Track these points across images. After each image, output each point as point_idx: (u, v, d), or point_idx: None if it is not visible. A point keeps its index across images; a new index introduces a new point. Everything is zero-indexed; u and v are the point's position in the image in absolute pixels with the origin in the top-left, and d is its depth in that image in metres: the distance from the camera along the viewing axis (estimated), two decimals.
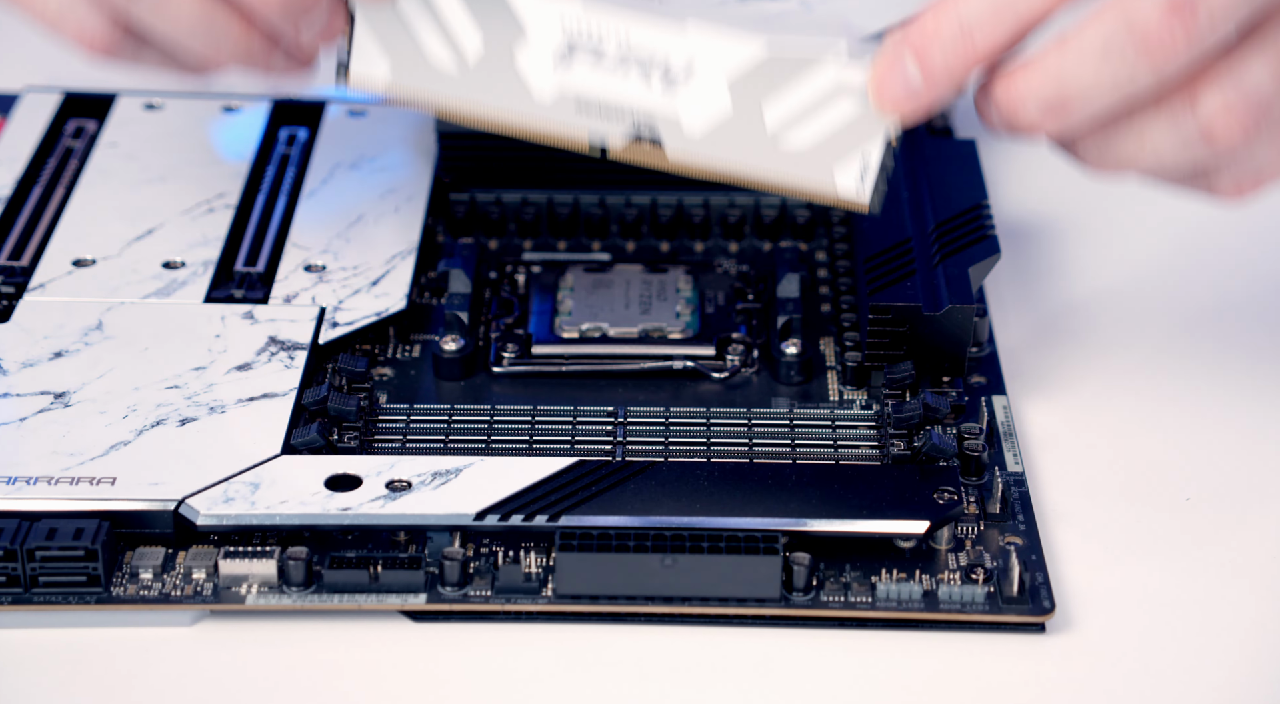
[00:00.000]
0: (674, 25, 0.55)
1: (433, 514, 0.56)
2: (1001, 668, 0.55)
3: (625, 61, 0.56)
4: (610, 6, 0.56)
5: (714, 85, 0.56)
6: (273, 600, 0.56)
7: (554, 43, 0.56)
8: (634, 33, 0.56)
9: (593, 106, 0.57)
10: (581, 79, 0.57)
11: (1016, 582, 0.56)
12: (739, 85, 0.56)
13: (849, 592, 0.56)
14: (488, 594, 0.56)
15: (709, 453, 0.61)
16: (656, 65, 0.56)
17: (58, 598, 0.56)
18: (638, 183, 0.73)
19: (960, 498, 0.57)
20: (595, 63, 0.56)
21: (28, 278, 0.67)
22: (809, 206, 0.73)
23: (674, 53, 0.56)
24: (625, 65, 0.56)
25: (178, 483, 0.57)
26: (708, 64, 0.56)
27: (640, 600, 0.56)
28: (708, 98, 0.56)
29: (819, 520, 0.56)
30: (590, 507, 0.56)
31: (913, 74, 0.54)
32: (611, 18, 0.56)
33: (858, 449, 0.61)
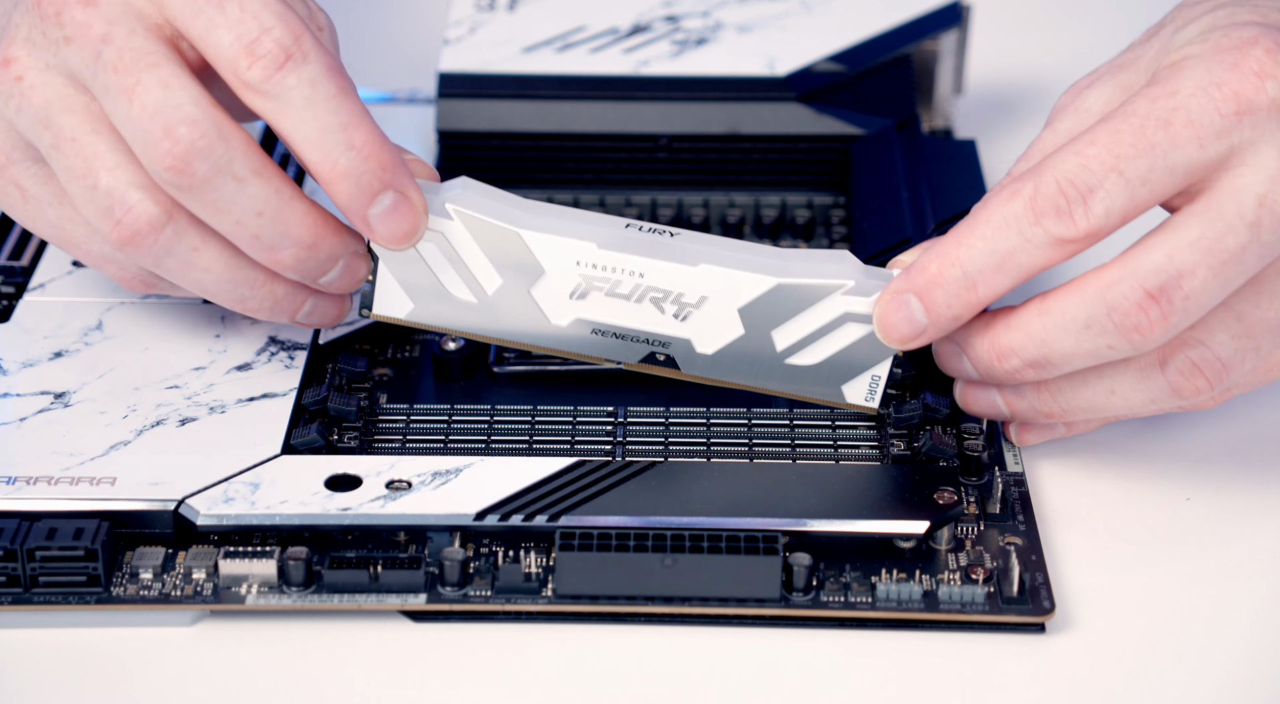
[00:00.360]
0: (686, 266, 0.58)
1: (433, 514, 0.56)
2: (1001, 668, 0.55)
3: (640, 297, 0.59)
4: (624, 248, 0.58)
5: (725, 313, 0.59)
6: (273, 600, 0.56)
7: (570, 281, 0.59)
8: (648, 273, 0.58)
9: (608, 332, 0.60)
10: (597, 310, 0.59)
11: (1016, 582, 0.56)
12: (749, 312, 0.59)
13: (849, 592, 0.56)
14: (488, 594, 0.56)
15: (709, 453, 0.61)
16: (670, 299, 0.59)
17: (58, 598, 0.56)
18: (637, 183, 0.73)
19: (960, 498, 0.57)
20: (610, 297, 0.59)
21: (28, 278, 0.67)
22: (809, 207, 0.73)
23: (687, 290, 0.59)
24: (640, 299, 0.59)
25: (178, 483, 0.57)
26: (719, 297, 0.59)
27: (640, 601, 0.56)
28: (719, 324, 0.59)
29: (819, 521, 0.56)
30: (590, 507, 0.56)
31: (918, 315, 0.57)
32: (626, 259, 0.58)
33: (857, 449, 0.61)
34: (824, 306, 0.58)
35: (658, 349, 0.60)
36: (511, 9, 0.77)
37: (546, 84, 0.73)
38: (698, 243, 0.59)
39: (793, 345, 0.59)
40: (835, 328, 0.59)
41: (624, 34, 0.75)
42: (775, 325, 0.59)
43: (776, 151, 0.73)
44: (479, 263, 0.59)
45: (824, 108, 0.73)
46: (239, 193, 0.56)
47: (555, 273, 0.59)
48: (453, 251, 0.59)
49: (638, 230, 0.59)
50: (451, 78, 0.73)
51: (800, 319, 0.59)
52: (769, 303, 0.59)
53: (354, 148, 0.56)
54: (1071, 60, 0.87)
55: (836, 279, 0.58)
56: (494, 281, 0.59)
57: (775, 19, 0.76)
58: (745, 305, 0.59)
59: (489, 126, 0.72)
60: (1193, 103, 0.55)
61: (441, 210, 0.58)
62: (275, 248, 0.57)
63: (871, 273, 0.59)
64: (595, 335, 0.59)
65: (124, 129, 0.56)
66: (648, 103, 0.73)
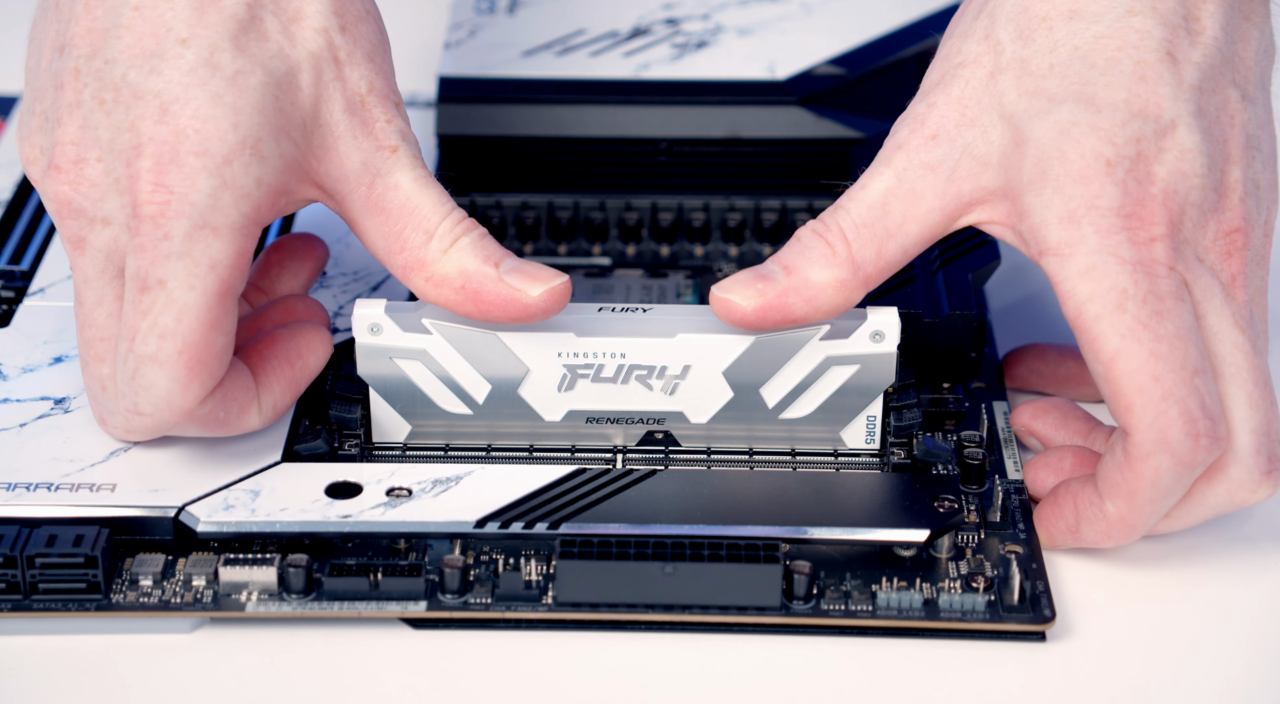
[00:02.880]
0: (663, 340, 0.59)
1: (433, 522, 0.56)
2: (1002, 676, 0.55)
3: (625, 377, 0.59)
4: (601, 332, 0.59)
5: (711, 379, 0.59)
6: (273, 608, 0.56)
7: (556, 374, 0.59)
8: (629, 351, 0.59)
9: (602, 419, 0.60)
10: (587, 399, 0.60)
11: (1017, 590, 0.56)
12: (734, 374, 0.59)
13: (850, 600, 0.56)
14: (488, 602, 0.56)
15: (709, 461, 0.61)
16: (655, 375, 0.59)
17: (57, 605, 0.56)
18: (638, 187, 0.73)
19: (960, 506, 0.57)
20: (597, 382, 0.59)
21: (28, 282, 0.67)
22: (809, 211, 0.73)
23: (670, 362, 0.59)
24: (626, 380, 0.59)
25: (178, 489, 0.57)
26: (702, 364, 0.59)
27: (641, 608, 0.56)
28: (707, 391, 0.60)
29: (820, 529, 0.56)
30: (591, 514, 0.56)
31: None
32: (605, 343, 0.59)
33: (858, 457, 0.61)
34: (804, 355, 0.59)
35: (654, 427, 0.60)
36: (511, 12, 0.77)
37: (546, 88, 0.73)
38: (671, 314, 0.60)
39: (782, 400, 0.59)
40: (820, 375, 0.59)
41: (624, 37, 0.75)
42: (762, 382, 0.59)
43: (777, 155, 0.73)
44: (465, 373, 0.59)
45: (824, 111, 0.73)
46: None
47: (539, 369, 0.59)
48: (438, 366, 0.59)
49: (611, 312, 0.60)
50: (451, 82, 0.73)
51: (784, 372, 0.59)
52: (751, 361, 0.59)
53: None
54: None
55: (810, 326, 0.58)
56: (483, 389, 0.59)
57: (775, 22, 0.76)
58: (729, 367, 0.59)
59: (489, 131, 0.72)
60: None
61: (419, 327, 0.59)
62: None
63: (845, 313, 0.59)
64: (590, 424, 0.60)
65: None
66: (648, 106, 0.73)
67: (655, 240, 0.73)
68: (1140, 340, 0.54)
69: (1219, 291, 0.56)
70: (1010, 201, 0.57)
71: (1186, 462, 0.54)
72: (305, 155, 0.57)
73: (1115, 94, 0.56)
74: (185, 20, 0.56)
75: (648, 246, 0.73)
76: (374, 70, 0.58)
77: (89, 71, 0.56)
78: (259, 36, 0.56)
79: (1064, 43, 0.57)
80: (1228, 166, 0.56)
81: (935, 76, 0.59)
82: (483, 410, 0.60)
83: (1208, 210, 0.56)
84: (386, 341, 0.59)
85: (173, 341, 0.55)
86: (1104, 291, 0.55)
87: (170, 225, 0.55)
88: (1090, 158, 0.55)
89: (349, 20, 0.58)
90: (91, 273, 0.57)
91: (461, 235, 0.57)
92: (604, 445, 0.61)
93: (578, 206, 0.73)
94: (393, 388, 0.60)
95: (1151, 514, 0.56)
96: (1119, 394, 0.54)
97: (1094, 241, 0.55)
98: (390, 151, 0.58)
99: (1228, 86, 0.57)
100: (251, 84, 0.56)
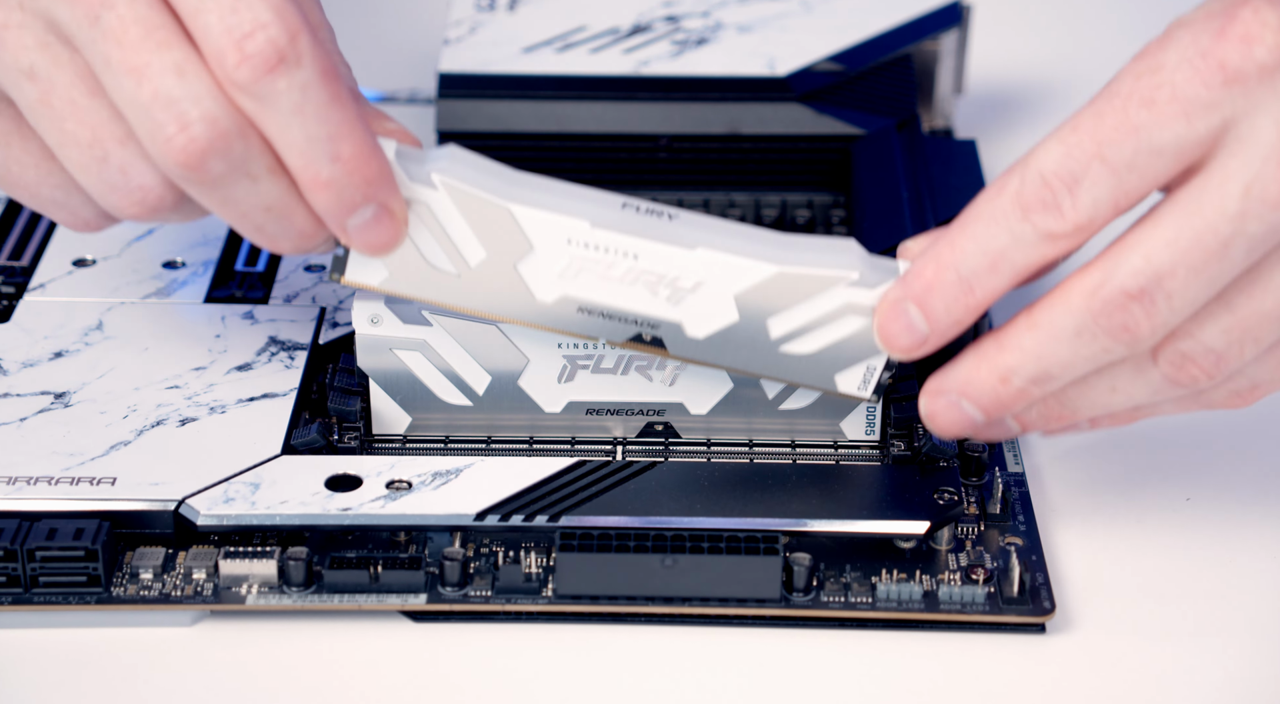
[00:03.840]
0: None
1: (433, 514, 0.56)
2: (1002, 668, 0.55)
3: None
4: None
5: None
6: (273, 601, 0.56)
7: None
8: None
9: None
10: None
11: (1017, 582, 0.56)
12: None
13: (849, 592, 0.56)
14: (488, 594, 0.56)
15: (709, 453, 0.61)
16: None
17: (58, 598, 0.56)
18: (638, 183, 0.73)
19: (960, 498, 0.57)
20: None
21: (28, 278, 0.67)
22: (809, 206, 0.73)
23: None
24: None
25: (178, 483, 0.57)
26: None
27: (640, 601, 0.56)
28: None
29: (819, 521, 0.56)
30: (591, 507, 0.56)
31: (918, 323, 0.55)
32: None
33: (858, 449, 0.61)
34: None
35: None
36: (511, 9, 0.77)
37: (547, 84, 0.73)
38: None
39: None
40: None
41: (624, 34, 0.75)
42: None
43: (777, 151, 0.73)
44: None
45: (824, 108, 0.73)
46: (251, 190, 0.54)
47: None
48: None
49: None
50: (451, 78, 0.73)
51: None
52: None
53: (339, 160, 0.53)
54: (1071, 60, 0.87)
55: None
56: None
57: (775, 19, 0.76)
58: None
59: (489, 127, 0.72)
60: (1177, 77, 0.51)
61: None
62: (277, 239, 0.55)
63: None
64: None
65: (126, 109, 0.52)
66: (648, 103, 0.73)
67: None
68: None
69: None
70: None
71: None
72: None
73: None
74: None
75: None
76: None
77: None
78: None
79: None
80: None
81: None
82: (482, 402, 0.60)
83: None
84: (386, 333, 0.59)
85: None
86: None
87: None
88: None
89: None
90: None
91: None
92: (604, 437, 0.61)
93: None
94: (393, 380, 0.60)
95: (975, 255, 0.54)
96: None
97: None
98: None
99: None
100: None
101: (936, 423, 0.56)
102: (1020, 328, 0.54)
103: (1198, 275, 0.52)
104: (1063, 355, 0.54)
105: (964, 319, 0.55)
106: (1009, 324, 0.54)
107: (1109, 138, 0.52)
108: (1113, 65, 0.55)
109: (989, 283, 0.54)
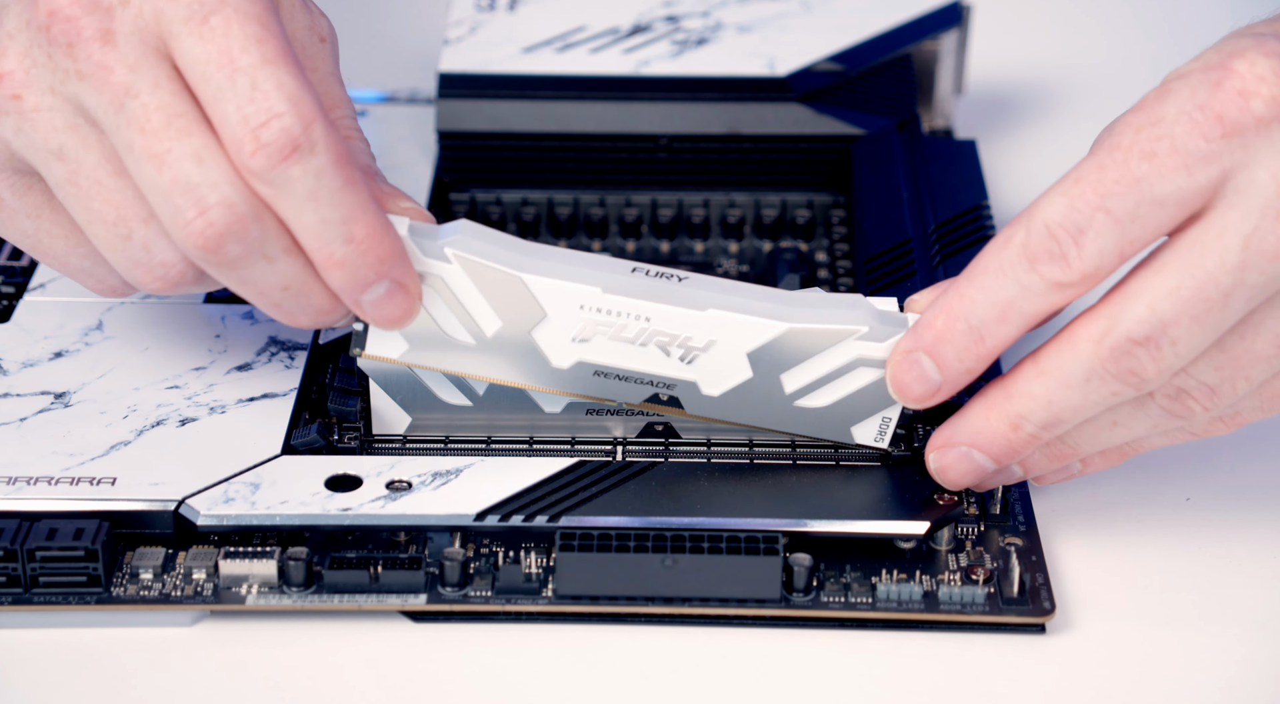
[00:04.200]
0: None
1: (433, 515, 0.56)
2: (1002, 669, 0.55)
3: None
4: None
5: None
6: (273, 601, 0.56)
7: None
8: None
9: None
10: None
11: (1017, 582, 0.56)
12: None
13: (849, 592, 0.56)
14: (488, 595, 0.56)
15: (709, 453, 0.61)
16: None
17: (58, 598, 0.56)
18: (638, 183, 0.73)
19: (960, 499, 0.57)
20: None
21: (28, 278, 0.67)
22: (809, 207, 0.73)
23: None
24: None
25: (178, 483, 0.57)
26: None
27: (640, 601, 0.56)
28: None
29: (819, 521, 0.56)
30: (591, 507, 0.56)
31: (931, 373, 0.56)
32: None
33: (858, 450, 0.61)
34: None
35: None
36: (511, 9, 0.77)
37: (546, 84, 0.73)
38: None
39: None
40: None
41: (624, 34, 0.75)
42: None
43: (777, 151, 0.73)
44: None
45: (824, 108, 0.73)
46: (269, 271, 0.55)
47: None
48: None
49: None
50: (451, 78, 0.73)
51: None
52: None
53: (352, 241, 0.54)
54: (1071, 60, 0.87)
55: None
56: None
57: (775, 19, 0.76)
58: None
59: (489, 127, 0.72)
60: (1176, 129, 0.53)
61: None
62: (295, 314, 0.57)
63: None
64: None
65: (148, 192, 0.54)
66: (648, 103, 0.73)
67: (655, 236, 0.73)
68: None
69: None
70: None
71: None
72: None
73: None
74: None
75: (648, 243, 0.73)
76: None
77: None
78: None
79: None
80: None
81: None
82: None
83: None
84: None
85: (265, 44, 0.53)
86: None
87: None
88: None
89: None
90: (135, 59, 0.53)
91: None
92: (604, 438, 0.61)
93: (578, 203, 0.73)
94: (393, 380, 0.60)
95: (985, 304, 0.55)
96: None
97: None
98: (319, 41, 0.58)
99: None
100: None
101: (948, 476, 0.57)
102: (1028, 375, 0.55)
103: (1200, 323, 0.53)
104: (1073, 400, 0.55)
105: (976, 368, 0.56)
106: (1014, 372, 0.56)
107: (1111, 190, 0.53)
108: (1112, 65, 0.55)
109: (999, 332, 0.55)
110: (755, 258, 0.72)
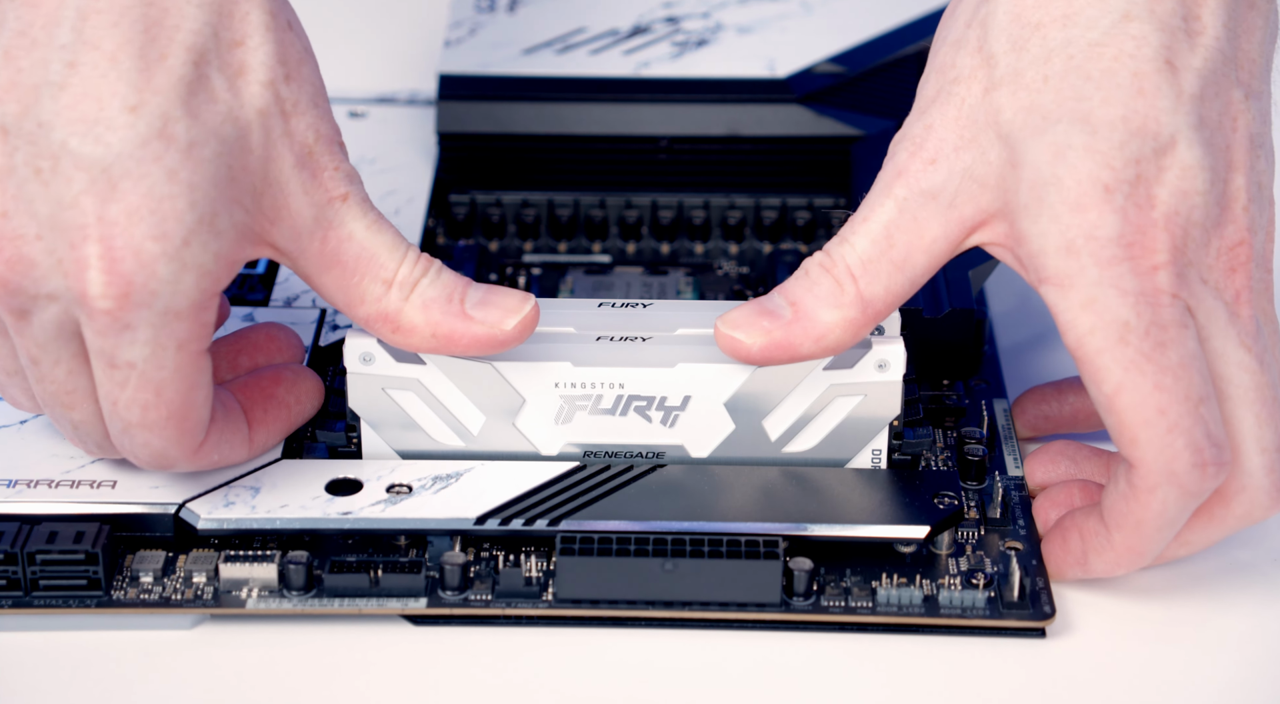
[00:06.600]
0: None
1: (433, 518, 0.56)
2: (1002, 673, 0.55)
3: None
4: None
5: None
6: (273, 604, 0.56)
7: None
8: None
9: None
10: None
11: (1017, 586, 0.56)
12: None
13: (849, 596, 0.56)
14: (488, 598, 0.56)
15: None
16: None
17: (58, 601, 0.56)
18: (638, 185, 0.73)
19: (961, 503, 0.57)
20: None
21: None
22: (809, 208, 0.73)
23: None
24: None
25: (178, 486, 0.57)
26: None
27: (641, 605, 0.56)
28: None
29: (820, 525, 0.56)
30: (591, 511, 0.56)
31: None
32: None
33: None
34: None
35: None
36: (511, 10, 0.77)
37: (547, 86, 0.73)
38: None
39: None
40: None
41: (624, 35, 0.75)
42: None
43: (777, 153, 0.73)
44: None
45: (824, 109, 0.73)
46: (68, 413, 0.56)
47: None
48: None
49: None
50: (451, 79, 0.73)
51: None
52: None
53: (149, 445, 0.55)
54: None
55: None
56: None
57: (775, 20, 0.76)
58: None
59: (489, 128, 0.72)
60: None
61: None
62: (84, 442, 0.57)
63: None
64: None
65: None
66: (648, 104, 0.73)
67: (655, 238, 0.73)
68: (1144, 373, 0.53)
69: (1223, 313, 0.54)
70: (1008, 224, 0.55)
71: (1193, 491, 0.54)
72: (257, 219, 0.54)
73: (1112, 111, 0.54)
74: (131, 83, 0.52)
75: (648, 244, 0.73)
76: (319, 116, 0.56)
77: (20, 133, 0.52)
78: (208, 98, 0.53)
79: (1058, 52, 0.55)
80: (1230, 175, 0.55)
81: (930, 91, 0.57)
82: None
83: (1210, 227, 0.54)
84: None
85: (156, 411, 0.53)
86: (1105, 324, 0.53)
87: (131, 317, 0.52)
88: (1087, 183, 0.53)
89: (291, 67, 0.55)
90: (43, 339, 0.53)
91: (420, 278, 0.56)
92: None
93: (578, 204, 0.73)
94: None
95: (1159, 542, 0.55)
96: (1123, 427, 0.53)
97: (1094, 273, 0.53)
98: (341, 200, 0.55)
99: (1230, 87, 0.55)
100: (206, 156, 0.52)
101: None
102: (1120, 547, 0.56)
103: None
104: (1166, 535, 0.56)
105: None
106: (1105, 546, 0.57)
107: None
108: None
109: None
110: (755, 259, 0.72)
